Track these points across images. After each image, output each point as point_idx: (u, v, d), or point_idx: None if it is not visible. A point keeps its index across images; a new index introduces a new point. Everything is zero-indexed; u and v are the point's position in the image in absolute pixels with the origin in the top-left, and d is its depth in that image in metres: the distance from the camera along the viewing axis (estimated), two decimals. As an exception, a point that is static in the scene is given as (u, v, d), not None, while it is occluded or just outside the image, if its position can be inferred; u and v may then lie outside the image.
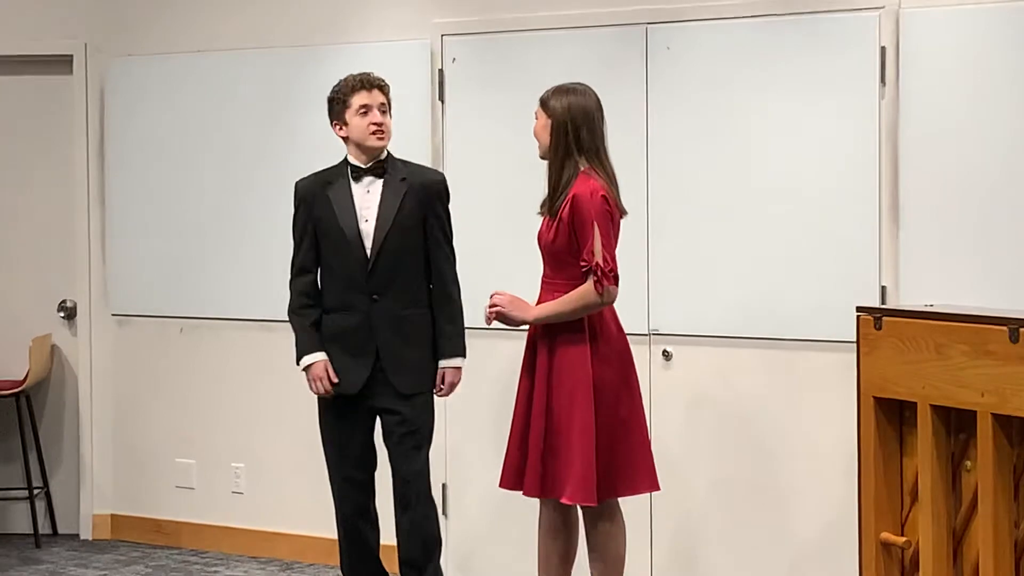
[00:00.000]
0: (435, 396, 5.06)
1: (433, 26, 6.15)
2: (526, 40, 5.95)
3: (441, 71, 6.11)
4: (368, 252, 4.96)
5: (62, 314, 7.06)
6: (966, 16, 5.21)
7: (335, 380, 4.99)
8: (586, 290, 4.75)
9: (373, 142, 5.00)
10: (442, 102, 6.10)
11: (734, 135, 5.58)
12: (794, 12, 5.47)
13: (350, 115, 5.01)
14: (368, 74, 5.06)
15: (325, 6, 6.43)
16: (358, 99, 5.00)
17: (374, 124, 4.99)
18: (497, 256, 5.81)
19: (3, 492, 7.04)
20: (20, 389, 6.83)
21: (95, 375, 6.99)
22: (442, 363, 5.03)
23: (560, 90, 4.87)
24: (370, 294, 4.97)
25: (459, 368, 5.05)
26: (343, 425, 5.05)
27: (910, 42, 5.27)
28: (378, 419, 5.08)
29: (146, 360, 6.91)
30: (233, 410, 6.70)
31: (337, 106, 5.05)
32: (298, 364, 5.09)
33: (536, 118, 4.90)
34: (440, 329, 5.03)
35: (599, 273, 4.72)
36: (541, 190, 4.93)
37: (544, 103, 4.87)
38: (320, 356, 5.02)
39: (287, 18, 6.52)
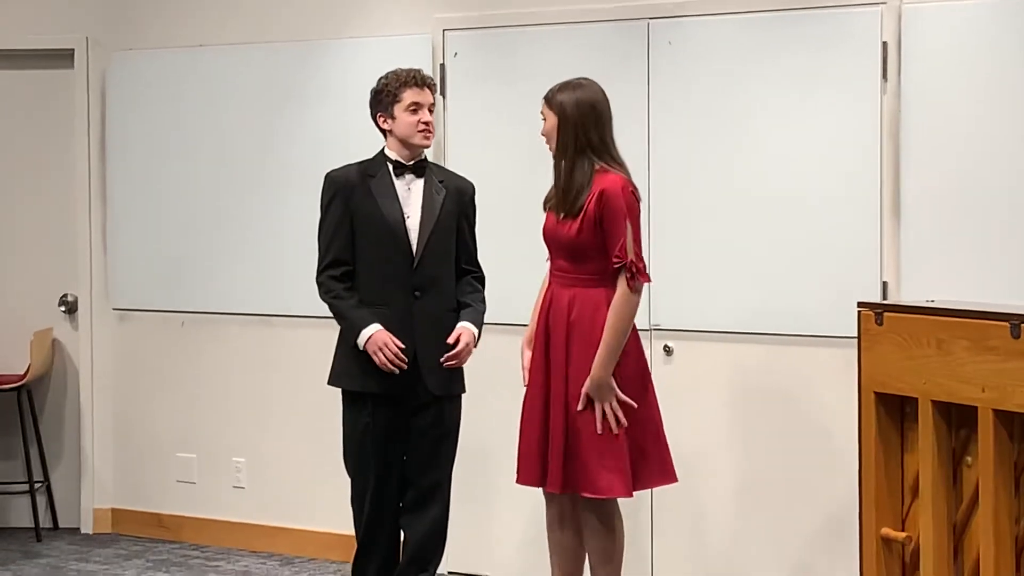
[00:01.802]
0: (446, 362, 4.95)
1: (435, 21, 6.15)
2: (528, 35, 5.95)
3: (443, 66, 6.11)
4: (414, 248, 4.92)
5: (63, 308, 7.06)
6: (968, 11, 5.20)
7: (402, 345, 4.85)
8: (623, 295, 4.68)
9: (419, 140, 4.96)
10: (444, 97, 6.10)
11: (735, 130, 5.58)
12: (796, 7, 5.46)
13: (399, 110, 4.94)
14: (419, 71, 4.99)
15: (327, 1, 6.43)
16: (410, 95, 4.94)
17: (423, 123, 4.94)
18: (500, 250, 5.80)
19: (4, 486, 7.04)
20: (21, 383, 6.83)
21: (96, 369, 6.99)
22: (464, 324, 4.96)
23: (566, 86, 4.82)
24: (412, 290, 4.92)
25: (473, 334, 4.96)
26: (383, 427, 4.94)
27: (912, 37, 5.27)
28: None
29: (147, 354, 6.91)
30: (234, 405, 6.71)
31: (386, 98, 4.96)
32: (356, 344, 4.87)
33: (543, 118, 4.85)
34: (467, 304, 5.00)
35: (633, 271, 4.69)
36: (544, 184, 4.92)
37: (550, 101, 4.82)
38: (377, 326, 4.85)
39: (289, 12, 6.52)
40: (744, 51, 5.56)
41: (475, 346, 5.00)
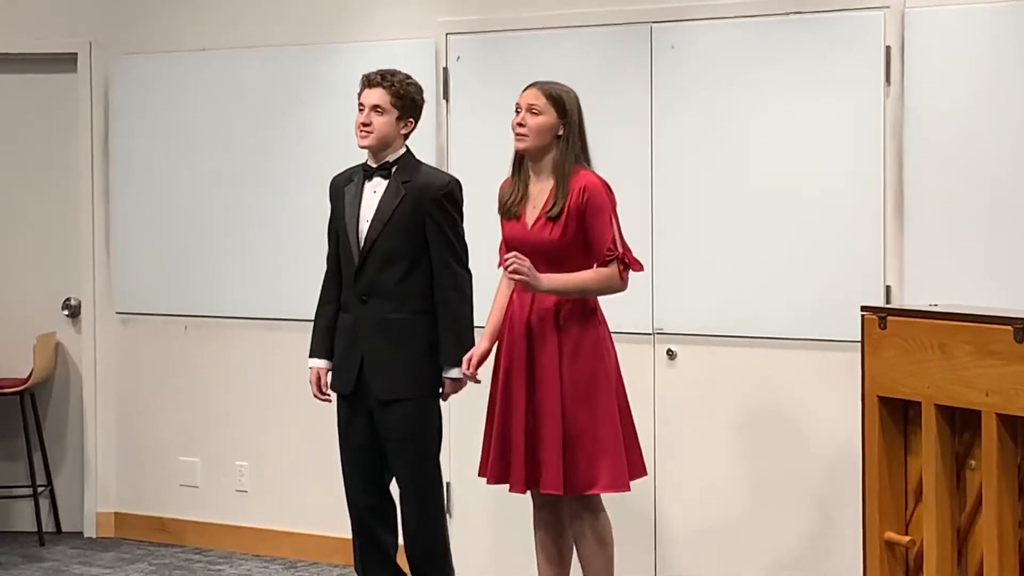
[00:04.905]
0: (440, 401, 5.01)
1: (437, 25, 6.15)
2: (530, 39, 5.95)
3: (445, 69, 6.12)
4: (359, 253, 4.92)
5: (66, 312, 7.06)
6: (971, 15, 5.20)
7: (324, 390, 5.05)
8: (612, 275, 4.72)
9: (358, 141, 4.94)
10: (446, 100, 6.10)
11: (738, 134, 5.58)
12: (799, 11, 5.47)
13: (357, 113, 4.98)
14: (372, 71, 4.97)
15: (329, 4, 6.43)
16: (360, 97, 4.96)
17: (360, 124, 4.91)
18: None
19: (7, 490, 7.04)
20: (24, 387, 6.83)
21: (99, 373, 6.99)
22: (443, 374, 4.94)
23: (566, 90, 4.83)
24: (359, 296, 4.94)
25: (454, 380, 4.92)
26: (345, 423, 5.05)
27: (915, 41, 5.26)
28: None
29: (150, 358, 6.91)
30: (237, 408, 6.71)
31: None
32: None
33: (535, 112, 4.78)
34: (440, 338, 4.93)
35: (626, 261, 4.74)
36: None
37: (557, 101, 4.79)
38: (317, 362, 5.06)
39: (291, 16, 6.52)
40: (747, 55, 5.56)
41: (472, 369, 4.88)
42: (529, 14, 5.96)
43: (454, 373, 4.91)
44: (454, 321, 4.91)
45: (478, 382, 4.92)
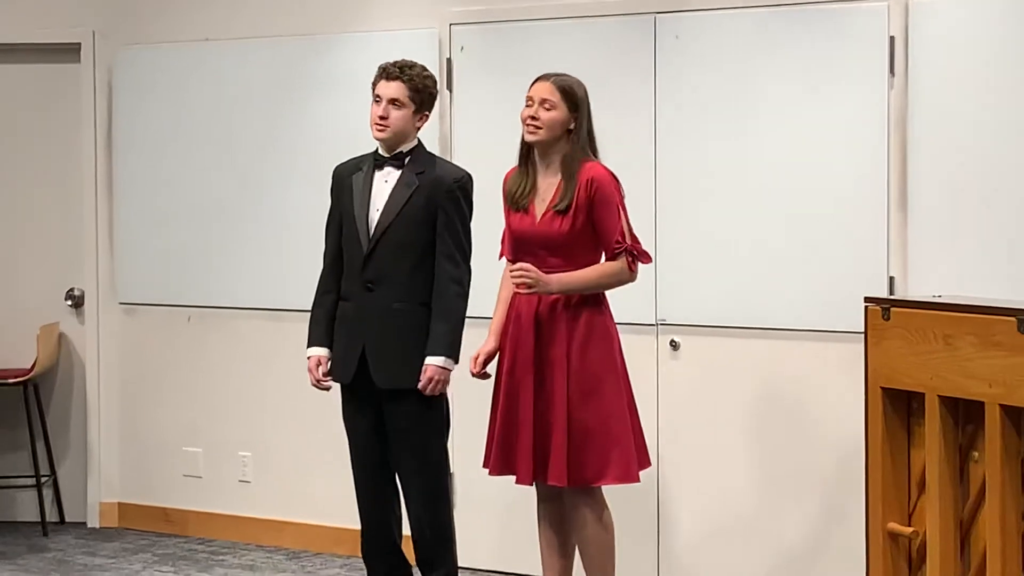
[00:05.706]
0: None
1: (441, 15, 6.14)
2: (534, 29, 5.94)
3: (449, 60, 6.11)
4: (369, 241, 4.93)
5: (70, 303, 7.06)
6: (975, 5, 5.19)
7: (323, 379, 5.02)
8: (622, 267, 4.77)
9: (374, 133, 4.94)
10: (450, 91, 6.10)
11: (742, 125, 5.57)
12: (803, 1, 5.46)
13: (372, 103, 4.96)
14: (391, 63, 4.96)
15: (333, -5, 6.44)
16: (376, 88, 4.95)
17: (377, 116, 4.92)
18: (504, 245, 5.80)
19: (11, 480, 7.05)
20: (28, 377, 6.83)
21: (103, 364, 6.99)
22: (427, 359, 4.88)
23: (577, 82, 4.85)
24: (365, 284, 4.93)
25: (440, 367, 4.85)
26: (349, 412, 5.06)
27: (919, 31, 5.26)
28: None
29: (153, 349, 6.92)
30: (240, 399, 6.71)
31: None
32: None
33: (549, 107, 4.80)
34: (431, 326, 4.91)
35: (635, 253, 4.76)
36: (549, 179, 4.91)
37: (570, 95, 4.80)
38: (316, 351, 5.04)
39: (295, 7, 6.52)
40: (751, 45, 5.55)
41: (455, 363, 4.90)
42: (533, 4, 5.95)
43: (439, 360, 4.86)
44: (449, 313, 4.90)
45: (487, 377, 4.94)
